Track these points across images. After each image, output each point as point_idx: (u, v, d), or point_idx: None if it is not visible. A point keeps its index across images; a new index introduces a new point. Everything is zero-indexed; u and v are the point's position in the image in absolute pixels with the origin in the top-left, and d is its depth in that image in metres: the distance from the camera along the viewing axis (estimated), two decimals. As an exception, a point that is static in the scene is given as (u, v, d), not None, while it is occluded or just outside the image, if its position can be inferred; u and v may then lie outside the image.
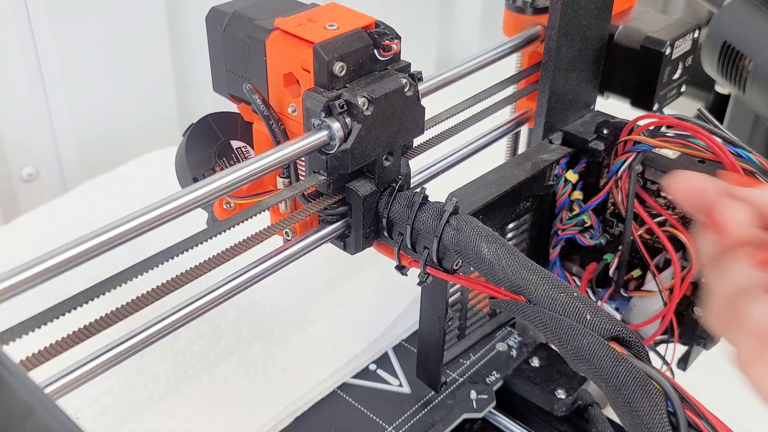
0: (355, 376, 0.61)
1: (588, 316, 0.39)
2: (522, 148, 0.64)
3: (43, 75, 0.86)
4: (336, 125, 0.43)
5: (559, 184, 0.59)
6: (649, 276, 0.58)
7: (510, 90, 0.59)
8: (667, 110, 0.63)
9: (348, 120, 0.43)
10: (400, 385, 0.60)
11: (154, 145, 0.88)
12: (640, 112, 0.61)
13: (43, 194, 0.91)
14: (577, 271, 0.63)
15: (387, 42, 0.45)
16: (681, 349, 0.60)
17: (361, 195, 0.46)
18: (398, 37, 0.46)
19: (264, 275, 0.46)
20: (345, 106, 0.43)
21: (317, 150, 0.44)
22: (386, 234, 0.48)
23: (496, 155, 0.65)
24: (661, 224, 0.56)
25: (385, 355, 0.63)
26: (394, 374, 0.61)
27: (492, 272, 0.42)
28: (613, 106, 0.63)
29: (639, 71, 0.59)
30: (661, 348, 0.61)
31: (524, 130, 0.63)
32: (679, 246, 0.55)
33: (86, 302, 0.36)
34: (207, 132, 0.52)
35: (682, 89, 0.63)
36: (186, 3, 0.92)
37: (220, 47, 0.49)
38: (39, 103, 0.87)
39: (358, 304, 0.67)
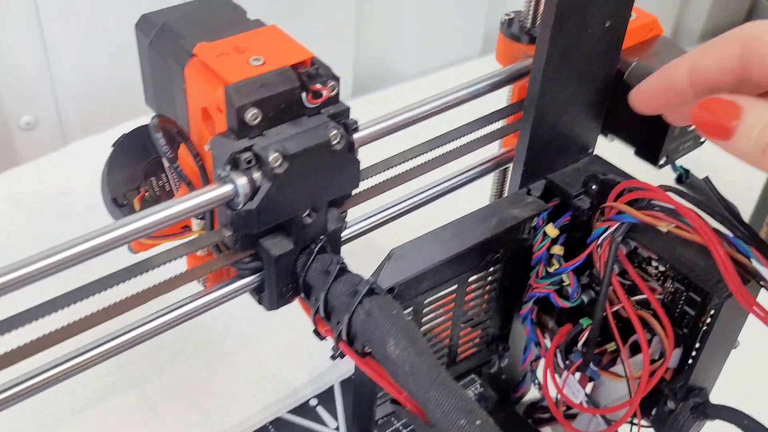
0: (292, 411, 0.56)
1: (486, 454, 0.34)
2: (510, 186, 0.57)
3: (42, 23, 0.82)
4: (241, 180, 0.37)
5: (537, 236, 0.52)
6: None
7: (498, 123, 0.52)
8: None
9: (257, 175, 0.37)
10: (337, 429, 0.56)
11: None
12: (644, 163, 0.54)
13: (41, 145, 0.89)
14: (552, 328, 0.57)
15: (317, 86, 0.38)
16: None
17: (273, 255, 0.40)
18: (334, 79, 0.39)
19: (176, 322, 0.42)
20: (254, 160, 0.37)
21: (224, 203, 0.38)
22: (304, 295, 0.42)
23: (482, 189, 0.58)
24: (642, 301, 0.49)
25: (330, 389, 0.58)
26: (334, 414, 0.56)
27: (395, 373, 0.37)
28: (619, 151, 0.55)
29: (647, 119, 0.51)
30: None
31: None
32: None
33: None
34: (138, 146, 0.47)
35: (702, 139, 0.55)
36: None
37: (147, 60, 0.43)
38: (38, 52, 0.84)
39: (311, 329, 0.62)
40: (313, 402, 0.57)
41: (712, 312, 0.46)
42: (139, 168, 0.47)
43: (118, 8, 0.85)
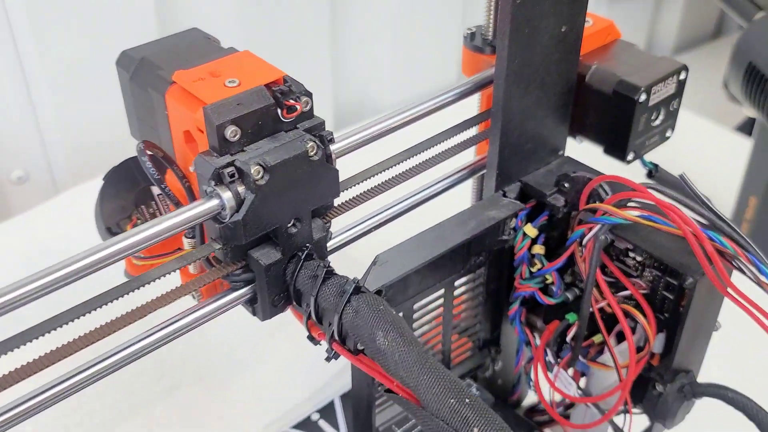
0: (295, 426, 0.58)
1: (475, 430, 0.35)
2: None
3: (27, 79, 0.85)
4: (227, 194, 0.39)
5: (517, 237, 0.54)
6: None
7: (472, 131, 0.55)
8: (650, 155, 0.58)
9: (241, 189, 0.40)
10: (340, 441, 0.57)
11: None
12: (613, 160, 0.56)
13: (34, 197, 0.91)
14: (541, 327, 0.58)
15: (291, 102, 0.41)
16: (640, 423, 0.55)
17: (262, 264, 0.42)
18: (307, 94, 0.42)
19: (170, 338, 0.43)
20: (236, 174, 0.39)
21: (211, 218, 0.41)
22: (295, 302, 0.44)
23: (465, 198, 0.61)
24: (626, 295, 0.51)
25: (331, 404, 0.60)
26: (336, 427, 0.58)
27: (385, 364, 0.38)
28: (591, 150, 0.57)
29: (612, 117, 0.54)
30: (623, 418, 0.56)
31: (492, 172, 0.58)
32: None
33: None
34: (127, 177, 0.49)
35: (667, 135, 0.58)
36: (175, 7, 0.90)
37: (129, 94, 0.46)
38: (25, 107, 0.87)
39: (309, 345, 0.64)
40: (315, 416, 0.59)
41: (688, 293, 0.48)
42: (129, 197, 0.49)
43: (102, 59, 0.88)
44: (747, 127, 1.24)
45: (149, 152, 0.41)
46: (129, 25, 0.87)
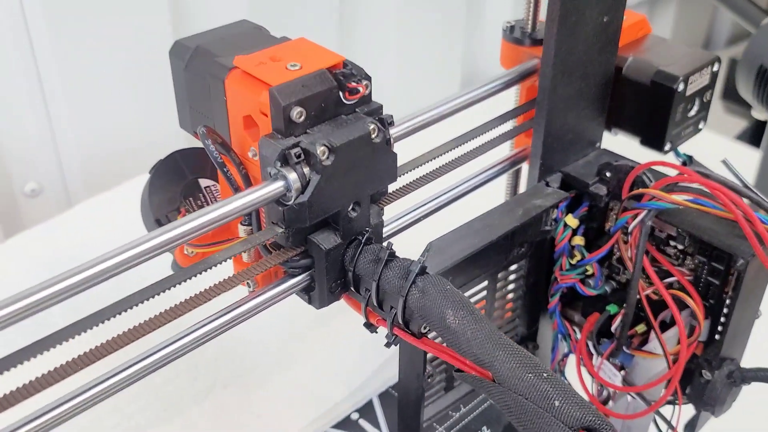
0: (335, 426, 0.57)
1: (556, 403, 0.35)
2: (523, 186, 0.60)
3: (44, 91, 0.84)
4: (292, 175, 0.39)
5: (558, 228, 0.54)
6: (653, 333, 0.53)
7: (508, 125, 0.55)
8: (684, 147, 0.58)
9: (306, 170, 0.39)
10: (382, 438, 0.56)
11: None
12: (650, 152, 0.57)
13: (47, 210, 0.90)
14: (579, 321, 0.59)
15: (353, 84, 0.41)
16: (687, 412, 0.55)
17: (323, 249, 0.42)
18: (367, 78, 0.42)
19: (224, 328, 0.43)
20: (302, 155, 0.39)
21: (274, 201, 0.40)
22: (353, 288, 0.44)
23: (498, 193, 0.61)
24: (670, 283, 0.51)
25: (369, 403, 0.59)
26: (377, 425, 0.57)
27: (456, 342, 0.38)
28: (624, 143, 0.58)
29: (649, 108, 0.54)
30: (667, 410, 0.56)
31: (526, 167, 0.58)
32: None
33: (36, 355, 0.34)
34: (174, 169, 0.49)
35: (700, 126, 0.58)
36: (191, 17, 0.90)
37: (183, 83, 0.46)
38: (41, 119, 0.86)
39: (344, 346, 0.63)
40: (355, 416, 0.58)
41: (737, 277, 0.49)
42: (177, 190, 0.49)
43: (117, 72, 0.88)
44: (746, 136, 1.26)
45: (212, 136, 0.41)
46: (144, 37, 0.87)
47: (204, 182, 0.49)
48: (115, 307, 0.37)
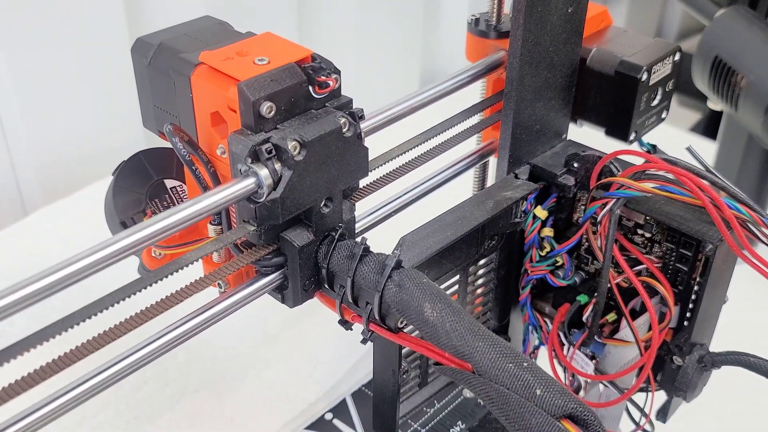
0: (309, 427, 0.56)
1: (538, 392, 0.35)
2: (491, 179, 0.60)
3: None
4: (264, 172, 0.38)
5: (527, 220, 0.54)
6: (624, 322, 0.54)
7: (475, 119, 0.55)
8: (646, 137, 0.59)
9: (278, 166, 0.39)
10: (358, 437, 0.56)
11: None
12: (614, 142, 0.57)
13: (1, 220, 0.87)
14: (550, 312, 0.59)
15: (322, 78, 0.40)
16: (659, 399, 0.55)
17: (296, 246, 0.41)
18: (336, 72, 0.41)
19: (195, 331, 0.42)
20: (273, 150, 0.38)
21: (245, 198, 0.40)
22: (327, 286, 0.43)
23: (465, 187, 0.61)
24: (638, 271, 0.52)
25: (343, 402, 0.59)
26: (351, 425, 0.57)
27: (435, 335, 0.38)
28: (588, 134, 0.58)
29: (614, 98, 0.55)
30: (639, 397, 0.56)
31: (493, 160, 0.59)
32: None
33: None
34: (138, 170, 0.48)
35: (663, 115, 0.59)
36: (148, 22, 0.88)
37: (146, 81, 0.45)
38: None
39: (316, 346, 0.63)
40: (329, 416, 0.57)
41: (705, 262, 0.49)
42: (142, 191, 0.47)
43: (72, 74, 0.86)
44: (700, 128, 1.28)
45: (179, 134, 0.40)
46: (100, 36, 0.85)
47: (170, 183, 0.48)
48: (81, 312, 0.35)
